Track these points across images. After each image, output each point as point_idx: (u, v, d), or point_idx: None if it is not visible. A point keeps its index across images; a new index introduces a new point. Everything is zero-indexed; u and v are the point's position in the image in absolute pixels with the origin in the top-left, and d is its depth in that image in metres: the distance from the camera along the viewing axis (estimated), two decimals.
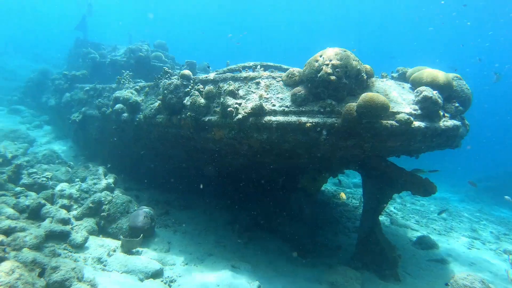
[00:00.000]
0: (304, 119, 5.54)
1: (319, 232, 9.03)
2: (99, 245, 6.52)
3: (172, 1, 66.30)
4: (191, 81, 7.17)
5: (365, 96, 5.21)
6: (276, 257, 7.63)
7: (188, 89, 7.03)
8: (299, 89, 5.79)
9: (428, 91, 5.87)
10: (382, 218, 7.54)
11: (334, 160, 7.07)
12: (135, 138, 9.15)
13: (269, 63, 7.75)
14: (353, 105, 5.30)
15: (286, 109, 5.76)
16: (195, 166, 9.21)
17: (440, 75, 6.29)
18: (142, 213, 7.18)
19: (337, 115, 5.50)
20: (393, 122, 5.44)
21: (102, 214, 7.12)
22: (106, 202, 7.30)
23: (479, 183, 24.30)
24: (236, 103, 6.10)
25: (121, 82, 9.63)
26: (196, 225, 8.57)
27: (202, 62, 15.35)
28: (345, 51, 5.68)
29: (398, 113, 5.61)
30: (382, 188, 7.08)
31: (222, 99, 6.23)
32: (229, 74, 6.81)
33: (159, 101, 7.55)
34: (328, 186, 14.86)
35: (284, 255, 7.77)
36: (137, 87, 8.97)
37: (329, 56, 5.56)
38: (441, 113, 6.05)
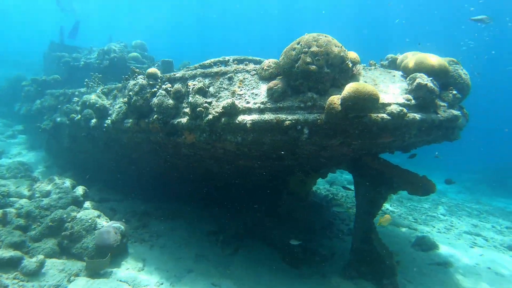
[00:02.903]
0: (282, 116, 4.81)
1: (312, 237, 8.33)
2: (58, 269, 5.74)
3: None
4: (159, 80, 6.43)
5: (350, 86, 4.48)
6: (265, 269, 6.94)
7: (155, 89, 6.28)
8: (276, 83, 5.06)
9: (422, 78, 5.17)
10: (377, 218, 6.85)
11: (321, 160, 6.37)
12: (107, 145, 8.40)
13: (246, 57, 7.01)
14: (336, 97, 4.58)
15: (262, 106, 5.03)
16: (175, 173, 8.48)
17: (434, 59, 5.59)
18: (110, 229, 6.42)
19: (320, 110, 4.78)
20: (384, 115, 4.73)
21: (64, 233, 6.34)
22: (69, 219, 6.52)
23: (477, 174, 23.86)
24: (206, 102, 5.37)
25: (89, 85, 8.84)
26: (178, 237, 7.84)
27: (183, 61, 14.53)
28: (325, 36, 4.95)
29: (389, 104, 4.90)
30: (377, 188, 6.40)
31: (190, 98, 5.50)
32: (199, 70, 6.05)
33: (126, 104, 6.81)
34: (321, 186, 14.20)
35: (274, 266, 7.08)
36: (105, 89, 8.19)
37: (307, 42, 4.84)
38: (438, 103, 5.36)
